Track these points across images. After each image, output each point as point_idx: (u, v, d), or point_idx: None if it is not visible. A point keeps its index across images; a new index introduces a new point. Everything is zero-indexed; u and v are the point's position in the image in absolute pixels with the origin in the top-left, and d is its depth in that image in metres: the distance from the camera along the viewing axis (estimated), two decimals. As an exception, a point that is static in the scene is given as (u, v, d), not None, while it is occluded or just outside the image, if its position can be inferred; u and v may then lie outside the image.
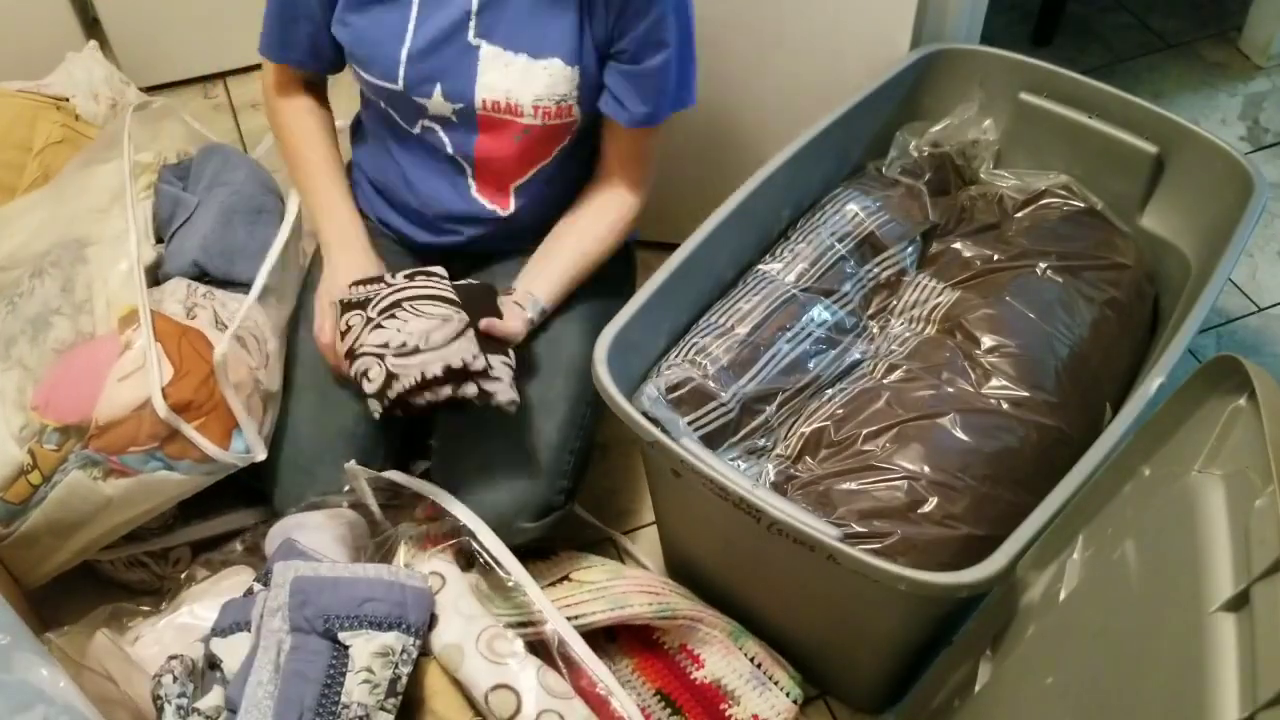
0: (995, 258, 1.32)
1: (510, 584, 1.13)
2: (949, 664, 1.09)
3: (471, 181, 1.27)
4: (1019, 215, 1.38)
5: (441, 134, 1.23)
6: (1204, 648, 0.68)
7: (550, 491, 1.20)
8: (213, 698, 1.04)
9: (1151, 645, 0.75)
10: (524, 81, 1.17)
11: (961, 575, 0.94)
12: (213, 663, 1.06)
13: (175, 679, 1.06)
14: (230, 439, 1.18)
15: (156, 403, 1.12)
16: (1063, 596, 0.91)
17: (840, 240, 1.33)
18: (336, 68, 1.29)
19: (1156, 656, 0.74)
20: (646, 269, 1.62)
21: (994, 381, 1.18)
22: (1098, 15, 2.18)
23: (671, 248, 1.20)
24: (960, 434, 1.13)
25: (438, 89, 1.18)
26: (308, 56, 1.26)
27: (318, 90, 1.34)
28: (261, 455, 1.19)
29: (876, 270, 1.35)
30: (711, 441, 1.17)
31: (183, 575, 1.27)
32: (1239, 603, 0.68)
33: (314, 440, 1.24)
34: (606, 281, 1.32)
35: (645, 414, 1.11)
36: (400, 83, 1.18)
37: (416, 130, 1.24)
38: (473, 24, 1.15)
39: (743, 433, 1.21)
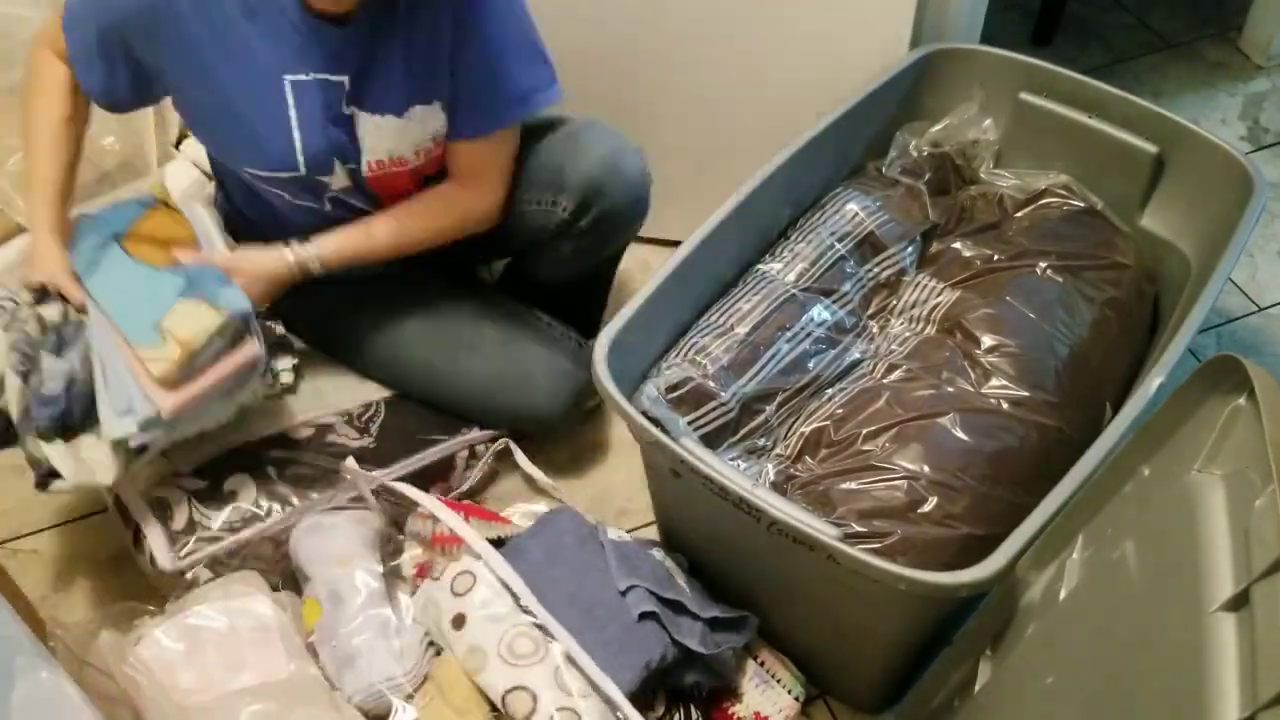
0: (995, 258, 1.32)
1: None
2: (949, 664, 1.09)
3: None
4: (1019, 215, 1.38)
5: (351, 200, 1.26)
6: (1204, 648, 0.68)
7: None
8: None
9: (1151, 645, 0.75)
10: (402, 136, 1.20)
11: (961, 575, 0.94)
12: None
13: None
14: None
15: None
16: (1063, 596, 0.91)
17: (840, 240, 1.33)
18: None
19: (1156, 656, 0.74)
20: (646, 269, 1.63)
21: (994, 381, 1.18)
22: (1098, 15, 2.18)
23: (672, 248, 1.20)
24: (960, 434, 1.13)
25: (337, 164, 1.21)
26: (100, 90, 1.19)
27: None
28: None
29: (876, 270, 1.35)
30: (711, 441, 1.17)
31: (188, 576, 1.26)
32: (1239, 603, 0.68)
33: None
34: None
35: (645, 414, 1.11)
36: (302, 168, 1.19)
37: (327, 208, 1.26)
38: (345, 96, 1.17)
39: (742, 433, 1.21)
